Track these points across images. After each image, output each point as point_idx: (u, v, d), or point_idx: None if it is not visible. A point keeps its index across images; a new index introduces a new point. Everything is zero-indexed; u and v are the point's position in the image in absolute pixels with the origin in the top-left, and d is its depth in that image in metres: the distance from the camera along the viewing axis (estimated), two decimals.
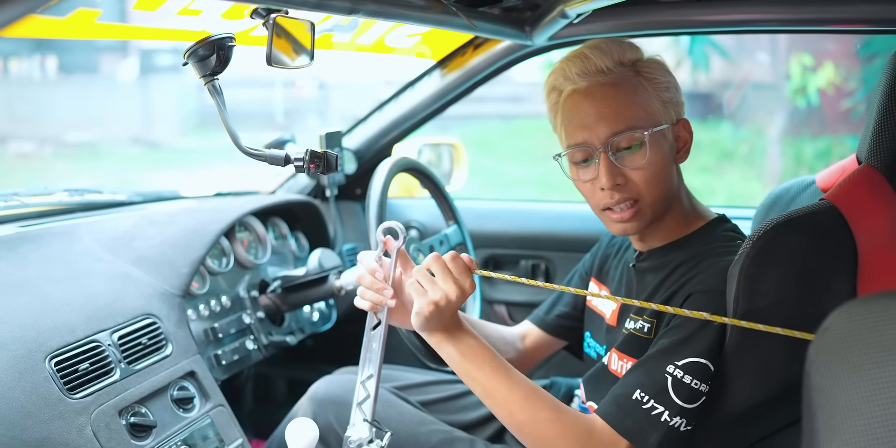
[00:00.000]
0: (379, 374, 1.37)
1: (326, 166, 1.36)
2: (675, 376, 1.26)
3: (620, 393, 1.29)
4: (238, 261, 1.99)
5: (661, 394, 1.26)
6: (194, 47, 1.26)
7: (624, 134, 1.35)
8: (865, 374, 0.81)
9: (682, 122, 1.43)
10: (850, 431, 0.80)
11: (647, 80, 1.39)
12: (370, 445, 1.33)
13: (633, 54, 1.41)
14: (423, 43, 1.97)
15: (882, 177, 1.27)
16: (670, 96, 1.40)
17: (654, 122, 1.37)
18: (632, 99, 1.37)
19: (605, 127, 1.36)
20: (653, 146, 1.36)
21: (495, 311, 2.44)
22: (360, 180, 2.43)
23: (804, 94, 6.91)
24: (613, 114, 1.36)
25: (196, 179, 8.53)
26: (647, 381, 1.27)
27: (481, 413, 1.78)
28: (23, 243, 1.61)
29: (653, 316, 1.38)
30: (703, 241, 1.41)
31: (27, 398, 1.28)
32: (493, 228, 2.41)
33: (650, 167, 1.36)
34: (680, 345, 1.28)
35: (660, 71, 1.41)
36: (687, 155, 1.44)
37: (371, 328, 1.40)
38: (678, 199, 1.44)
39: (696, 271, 1.35)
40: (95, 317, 1.49)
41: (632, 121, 1.36)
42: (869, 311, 0.83)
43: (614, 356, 1.45)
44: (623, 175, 1.37)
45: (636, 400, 1.26)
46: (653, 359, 1.29)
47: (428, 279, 1.30)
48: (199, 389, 1.61)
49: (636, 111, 1.36)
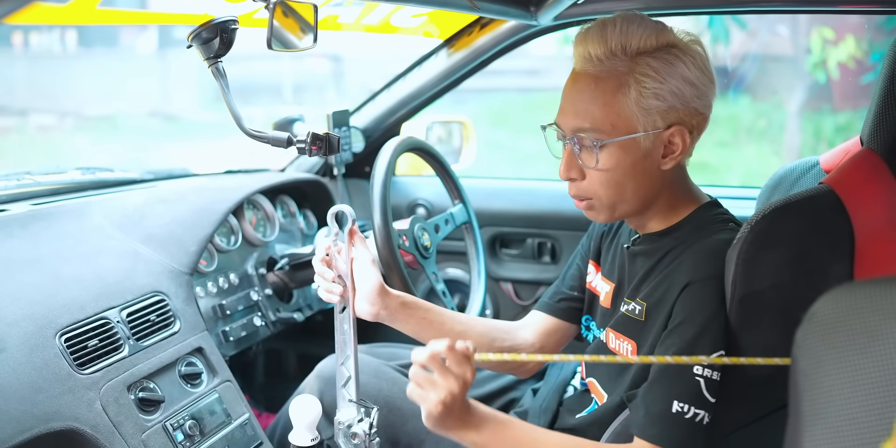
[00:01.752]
0: (355, 354, 1.39)
1: (328, 148, 1.37)
2: (706, 376, 1.25)
3: (659, 410, 1.26)
4: (246, 238, 2.01)
5: (698, 399, 1.25)
6: (198, 30, 1.28)
7: (582, 133, 1.31)
8: (849, 359, 0.82)
9: (674, 128, 1.31)
10: (833, 415, 0.81)
11: (636, 82, 1.28)
12: (360, 424, 1.36)
13: (642, 43, 1.28)
14: (430, 22, 1.97)
15: (882, 161, 1.27)
16: (658, 104, 1.28)
17: (625, 129, 1.29)
18: (608, 100, 1.29)
19: (572, 120, 1.33)
20: (614, 153, 1.30)
21: (502, 289, 2.46)
22: (369, 158, 2.43)
23: (824, 68, 6.81)
24: (582, 109, 1.31)
25: (212, 152, 8.57)
26: (680, 390, 1.25)
27: (485, 390, 1.80)
28: (35, 221, 1.64)
29: (644, 299, 1.37)
30: (693, 226, 1.39)
31: (38, 373, 1.31)
32: (499, 207, 2.42)
33: (606, 172, 1.32)
34: (698, 341, 1.26)
35: (663, 72, 1.28)
36: (674, 162, 1.34)
37: (339, 311, 1.42)
38: (664, 196, 1.38)
39: (688, 256, 1.33)
40: (105, 294, 1.52)
41: (597, 123, 1.30)
42: (854, 297, 0.84)
43: (611, 335, 1.45)
44: (579, 170, 1.35)
45: (678, 413, 1.25)
46: (676, 364, 1.26)
47: (427, 380, 1.24)
48: (207, 365, 1.64)
49: (606, 114, 1.29)
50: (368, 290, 1.42)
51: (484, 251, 2.00)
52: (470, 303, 1.91)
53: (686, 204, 1.41)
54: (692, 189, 1.44)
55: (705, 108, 1.34)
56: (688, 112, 1.31)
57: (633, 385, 1.37)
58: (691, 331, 1.27)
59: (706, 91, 1.32)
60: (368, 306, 1.43)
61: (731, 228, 1.35)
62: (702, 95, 1.31)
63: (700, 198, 1.43)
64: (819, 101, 7.82)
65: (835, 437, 0.80)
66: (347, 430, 1.36)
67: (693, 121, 1.33)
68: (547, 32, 2.07)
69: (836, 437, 0.80)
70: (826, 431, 0.81)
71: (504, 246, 2.47)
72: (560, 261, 2.38)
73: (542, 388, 1.75)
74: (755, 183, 7.12)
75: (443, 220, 1.86)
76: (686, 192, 1.42)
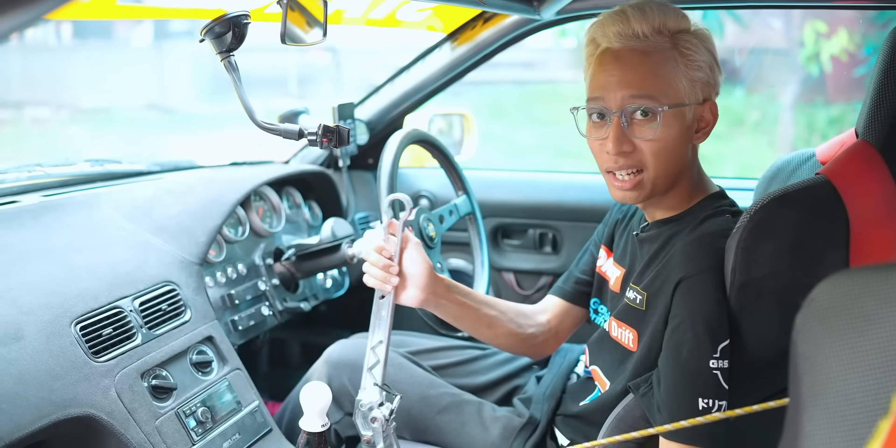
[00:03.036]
0: (388, 340, 1.42)
1: (339, 140, 1.40)
2: (721, 368, 1.26)
3: (688, 412, 1.26)
4: (253, 229, 2.03)
5: (718, 390, 1.27)
6: (211, 25, 1.30)
7: (639, 102, 1.34)
8: (847, 342, 0.84)
9: (708, 103, 1.39)
10: (832, 396, 0.83)
11: (681, 55, 1.35)
12: (381, 408, 1.39)
13: (676, 23, 1.36)
14: (434, 16, 1.99)
15: (877, 153, 1.30)
16: (701, 76, 1.36)
17: (675, 98, 1.35)
18: (659, 71, 1.34)
19: (624, 91, 1.34)
20: (667, 122, 1.34)
21: (504, 279, 2.49)
22: (372, 150, 2.46)
23: (817, 61, 6.84)
24: (636, 81, 1.34)
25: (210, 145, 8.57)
26: (700, 386, 1.27)
27: (490, 377, 1.84)
28: (46, 212, 1.66)
29: (645, 288, 1.40)
30: (695, 215, 1.42)
31: (55, 361, 1.33)
32: (502, 198, 2.44)
33: (659, 142, 1.35)
34: (707, 335, 1.28)
35: (699, 48, 1.36)
36: (706, 136, 1.41)
37: (379, 297, 1.45)
38: (687, 175, 1.43)
39: (679, 249, 1.35)
40: (118, 284, 1.54)
41: (651, 92, 1.34)
42: (852, 283, 0.87)
43: (614, 324, 1.48)
44: (631, 143, 1.36)
45: (704, 409, 1.26)
46: (691, 361, 1.28)
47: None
48: (217, 353, 1.66)
49: (659, 83, 1.34)
50: (421, 274, 1.45)
51: (487, 242, 2.02)
52: None
53: (697, 192, 1.45)
54: (704, 177, 1.48)
55: (719, 89, 1.42)
56: (716, 90, 1.39)
57: (635, 374, 1.40)
58: (696, 328, 1.29)
59: (719, 73, 1.40)
60: (419, 292, 1.46)
61: (727, 220, 1.37)
62: (719, 75, 1.40)
63: (709, 187, 1.47)
64: (812, 93, 7.85)
65: (834, 416, 0.82)
66: (368, 411, 1.39)
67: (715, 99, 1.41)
68: (549, 27, 2.09)
69: (835, 417, 0.82)
70: (825, 412, 0.83)
71: (506, 236, 2.49)
72: (561, 251, 2.41)
73: (545, 375, 1.78)
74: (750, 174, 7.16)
75: (447, 210, 1.89)
76: (700, 179, 1.47)
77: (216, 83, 11.15)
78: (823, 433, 0.83)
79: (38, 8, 0.63)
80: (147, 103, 10.82)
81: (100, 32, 11.55)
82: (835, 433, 0.82)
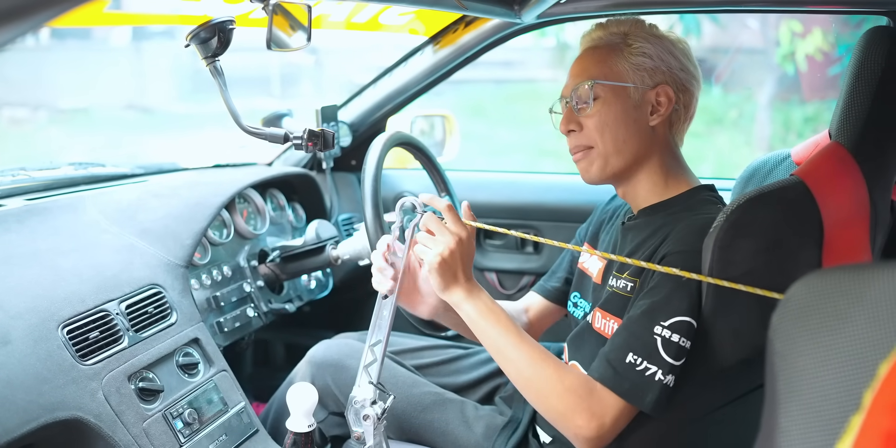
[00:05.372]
0: (387, 340, 1.44)
1: (324, 144, 1.42)
2: (664, 336, 1.30)
3: (614, 357, 1.34)
4: (238, 231, 2.04)
5: (653, 354, 1.30)
6: (196, 30, 1.31)
7: (581, 84, 1.47)
8: (821, 340, 0.85)
9: (660, 87, 1.47)
10: (807, 392, 0.85)
11: (626, 46, 1.48)
12: (374, 406, 1.41)
13: (633, 28, 1.50)
14: (416, 20, 2.01)
15: (849, 154, 1.33)
16: (646, 61, 1.46)
17: (614, 78, 1.47)
18: (602, 58, 1.48)
19: (574, 80, 1.50)
20: (606, 99, 1.46)
21: (486, 279, 2.51)
22: (355, 152, 2.48)
23: (793, 60, 6.92)
24: (581, 70, 1.50)
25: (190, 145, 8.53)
26: (637, 343, 1.32)
27: (471, 376, 1.85)
28: (31, 216, 1.66)
29: (635, 275, 1.42)
30: (685, 205, 1.46)
31: (42, 365, 1.33)
32: (484, 199, 2.46)
33: (599, 116, 1.46)
34: (663, 305, 1.32)
35: (648, 41, 1.47)
36: (662, 118, 1.48)
37: (382, 297, 1.47)
38: (654, 158, 1.49)
39: (675, 232, 1.39)
40: (104, 287, 1.54)
41: (592, 75, 1.48)
42: (825, 283, 0.89)
43: (598, 314, 1.50)
44: (577, 122, 1.49)
45: (630, 363, 1.31)
46: (639, 321, 1.34)
47: (428, 237, 1.43)
48: (203, 355, 1.67)
49: (600, 68, 1.47)
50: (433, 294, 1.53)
51: None
52: None
53: (678, 181, 1.51)
54: (686, 169, 1.54)
55: (691, 85, 1.49)
56: (673, 79, 1.47)
57: None
58: (662, 293, 1.34)
59: (690, 68, 1.49)
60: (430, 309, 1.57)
61: (719, 209, 1.40)
62: (685, 69, 1.48)
63: (693, 180, 1.53)
64: (788, 92, 7.94)
65: (809, 411, 0.84)
66: (360, 409, 1.41)
67: (680, 92, 1.48)
68: (530, 30, 2.12)
69: (810, 412, 0.84)
70: (801, 407, 0.85)
71: (488, 237, 2.51)
72: (543, 251, 2.43)
73: None
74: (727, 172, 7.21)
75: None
76: (679, 169, 1.52)
77: (195, 83, 11.09)
78: (798, 428, 0.85)
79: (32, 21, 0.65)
80: (126, 103, 10.74)
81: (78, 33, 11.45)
82: (810, 428, 0.84)
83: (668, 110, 1.48)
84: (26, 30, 0.64)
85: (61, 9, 0.64)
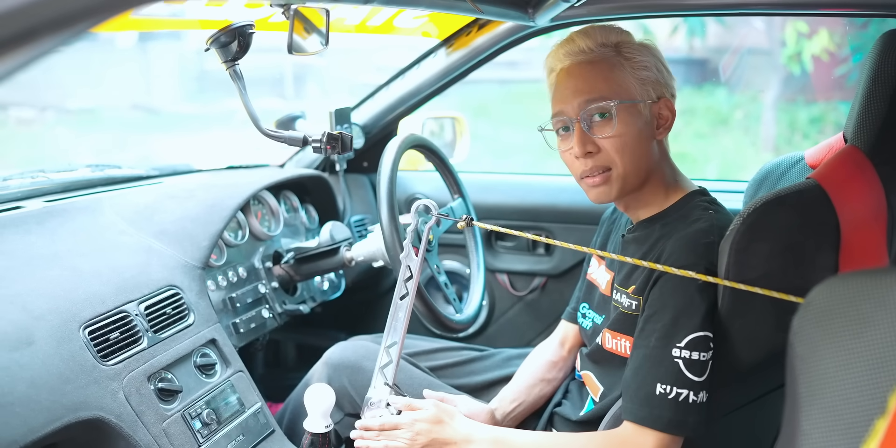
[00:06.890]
0: (402, 341, 1.45)
1: (342, 147, 1.43)
2: (684, 357, 1.31)
3: (644, 394, 1.33)
4: (253, 233, 2.05)
5: (679, 379, 1.31)
6: (217, 34, 1.32)
7: (594, 104, 1.42)
8: (843, 344, 0.86)
9: (662, 100, 1.47)
10: (829, 396, 0.86)
11: (625, 60, 1.45)
12: (389, 407, 1.42)
13: (618, 37, 1.47)
14: (429, 23, 2.01)
15: (865, 158, 1.33)
16: (649, 75, 1.45)
17: (627, 96, 1.43)
18: (607, 75, 1.44)
19: (580, 98, 1.44)
20: (623, 118, 1.42)
21: (497, 280, 2.53)
22: (368, 154, 2.49)
23: (798, 61, 6.92)
24: (587, 87, 1.44)
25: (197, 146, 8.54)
26: (660, 372, 1.32)
27: (486, 378, 1.86)
28: (50, 218, 1.67)
29: (638, 293, 1.43)
30: (679, 214, 1.46)
31: (65, 365, 1.34)
32: (495, 201, 2.48)
33: (620, 137, 1.43)
34: (673, 327, 1.33)
35: (642, 52, 1.46)
36: (667, 131, 1.49)
37: (399, 298, 1.48)
38: (658, 172, 1.49)
39: (667, 248, 1.40)
40: (123, 288, 1.56)
41: (603, 93, 1.43)
42: (847, 287, 0.89)
43: (607, 335, 1.50)
44: (595, 144, 1.44)
45: (661, 394, 1.31)
46: (655, 349, 1.34)
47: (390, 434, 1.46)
48: (220, 356, 1.68)
49: (610, 85, 1.43)
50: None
51: (483, 244, 2.06)
52: (469, 294, 1.95)
53: (676, 190, 1.51)
54: (679, 175, 1.54)
55: (674, 91, 1.51)
56: (667, 89, 1.48)
57: None
58: (669, 314, 1.34)
59: (669, 76, 1.50)
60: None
61: (710, 216, 1.42)
62: (671, 76, 1.50)
63: (687, 185, 1.52)
64: (794, 92, 7.93)
65: (831, 415, 0.85)
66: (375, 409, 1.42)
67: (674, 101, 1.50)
68: (543, 33, 2.12)
69: (832, 416, 0.85)
70: (822, 411, 0.86)
71: (500, 238, 2.52)
72: (554, 253, 2.44)
73: None
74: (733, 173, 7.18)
75: (443, 213, 1.91)
76: (674, 177, 1.52)
77: (200, 83, 11.09)
78: (821, 432, 0.85)
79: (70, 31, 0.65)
80: (132, 104, 10.76)
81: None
82: (832, 432, 0.85)
83: (672, 123, 1.49)
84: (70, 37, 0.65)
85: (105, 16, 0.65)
